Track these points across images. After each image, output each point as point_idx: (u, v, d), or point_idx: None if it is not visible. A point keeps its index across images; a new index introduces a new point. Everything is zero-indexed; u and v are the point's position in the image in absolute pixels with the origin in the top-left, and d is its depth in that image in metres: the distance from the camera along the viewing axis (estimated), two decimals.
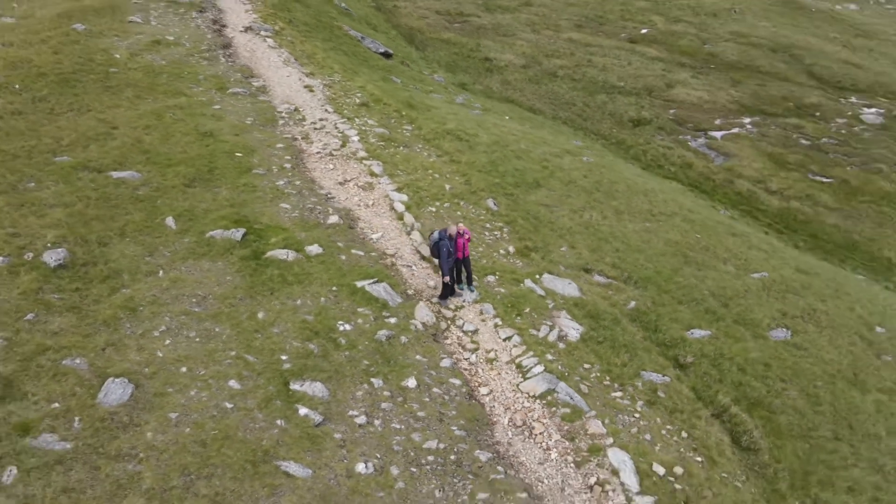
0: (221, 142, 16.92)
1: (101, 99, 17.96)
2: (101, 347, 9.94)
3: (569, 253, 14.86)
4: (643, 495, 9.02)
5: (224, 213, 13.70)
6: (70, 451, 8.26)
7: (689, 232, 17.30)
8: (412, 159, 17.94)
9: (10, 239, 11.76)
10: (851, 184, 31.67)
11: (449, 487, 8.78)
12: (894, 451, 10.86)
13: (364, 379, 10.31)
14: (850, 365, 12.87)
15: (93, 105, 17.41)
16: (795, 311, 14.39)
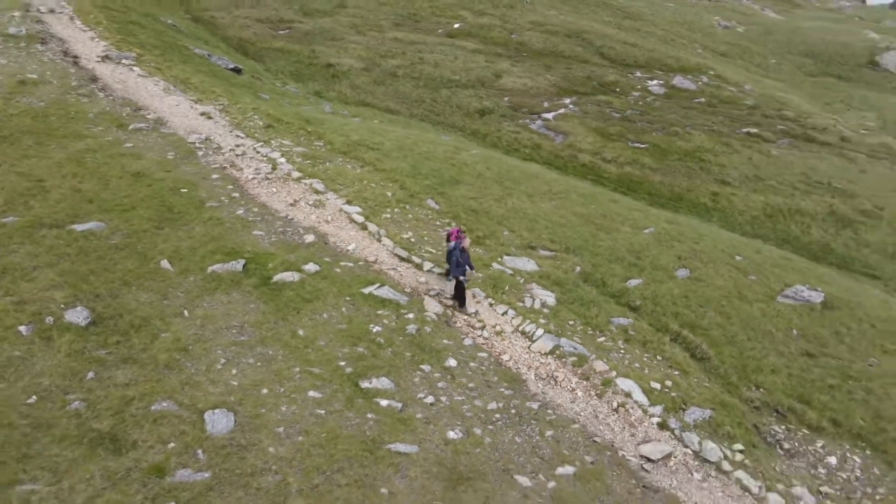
0: (158, 180, 16.96)
1: (3, 151, 16.92)
2: (179, 387, 10.55)
3: (511, 236, 17.46)
4: (654, 405, 11.92)
5: (210, 247, 14.25)
6: (212, 478, 9.09)
7: (587, 204, 20.79)
8: (343, 173, 19.30)
9: (19, 307, 11.52)
10: (661, 147, 38.09)
11: (522, 433, 10.94)
12: (785, 340, 14.97)
13: (415, 367, 12.01)
14: (734, 286, 17.02)
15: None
16: (684, 254, 18.39)
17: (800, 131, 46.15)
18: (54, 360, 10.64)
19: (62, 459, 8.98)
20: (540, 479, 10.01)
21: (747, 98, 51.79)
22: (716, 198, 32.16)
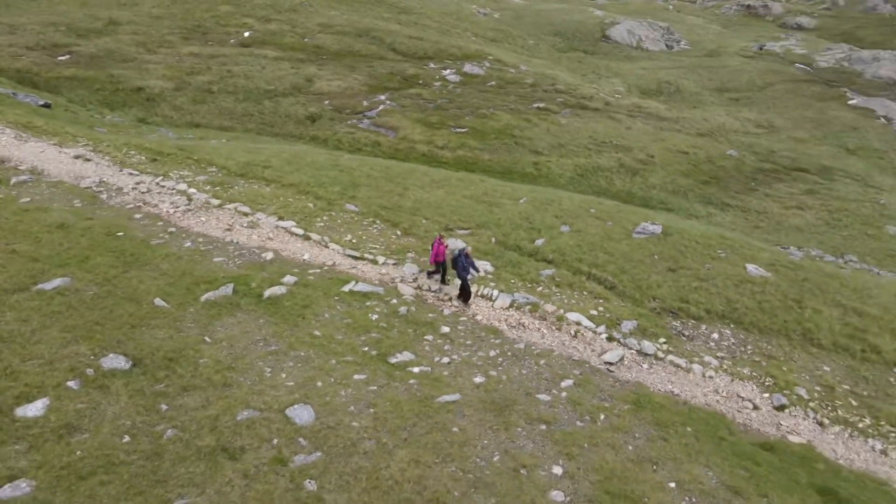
0: (87, 229, 16.83)
1: None
2: (249, 397, 11.85)
3: (429, 223, 20.18)
4: (598, 326, 15.71)
5: (188, 280, 15.04)
6: (324, 456, 10.84)
7: (467, 187, 24.15)
8: (257, 193, 20.41)
9: (51, 367, 11.75)
10: (478, 129, 42.92)
11: (524, 367, 14.00)
12: (652, 263, 19.79)
13: (420, 338, 14.41)
14: (603, 232, 21.63)
15: None
16: (558, 213, 22.64)
17: (574, 101, 54.28)
18: (121, 403, 11.29)
19: (194, 474, 10.11)
20: (553, 393, 13.19)
21: (527, 77, 59.17)
22: (537, 166, 37.66)
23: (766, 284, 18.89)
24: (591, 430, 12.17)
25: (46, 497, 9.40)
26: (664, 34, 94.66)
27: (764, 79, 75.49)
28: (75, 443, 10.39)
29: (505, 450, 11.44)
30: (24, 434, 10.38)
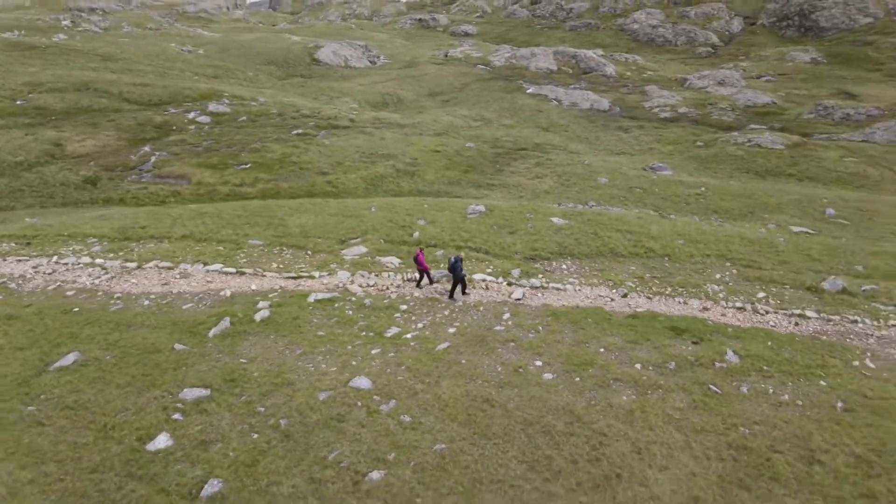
0: (38, 312, 17.20)
1: None
2: (315, 385, 15.00)
3: (324, 240, 23.73)
4: (497, 278, 21.48)
5: (182, 326, 16.92)
6: (398, 401, 14.73)
7: (322, 209, 27.80)
8: (162, 249, 21.82)
9: (142, 411, 13.48)
10: (259, 162, 45.40)
11: (472, 315, 19.08)
12: (499, 232, 26.14)
13: (392, 316, 18.55)
14: (449, 219, 27.36)
15: None
16: (408, 213, 27.78)
17: (325, 123, 59.17)
18: (228, 416, 13.64)
19: (328, 436, 13.31)
20: (503, 323, 18.58)
21: (270, 108, 62.22)
22: (332, 184, 42.00)
23: (571, 228, 26.68)
24: (540, 337, 17.89)
25: (234, 491, 11.93)
26: (365, 52, 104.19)
27: (460, 80, 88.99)
28: (219, 450, 12.78)
29: (501, 362, 16.55)
30: (170, 459, 12.46)
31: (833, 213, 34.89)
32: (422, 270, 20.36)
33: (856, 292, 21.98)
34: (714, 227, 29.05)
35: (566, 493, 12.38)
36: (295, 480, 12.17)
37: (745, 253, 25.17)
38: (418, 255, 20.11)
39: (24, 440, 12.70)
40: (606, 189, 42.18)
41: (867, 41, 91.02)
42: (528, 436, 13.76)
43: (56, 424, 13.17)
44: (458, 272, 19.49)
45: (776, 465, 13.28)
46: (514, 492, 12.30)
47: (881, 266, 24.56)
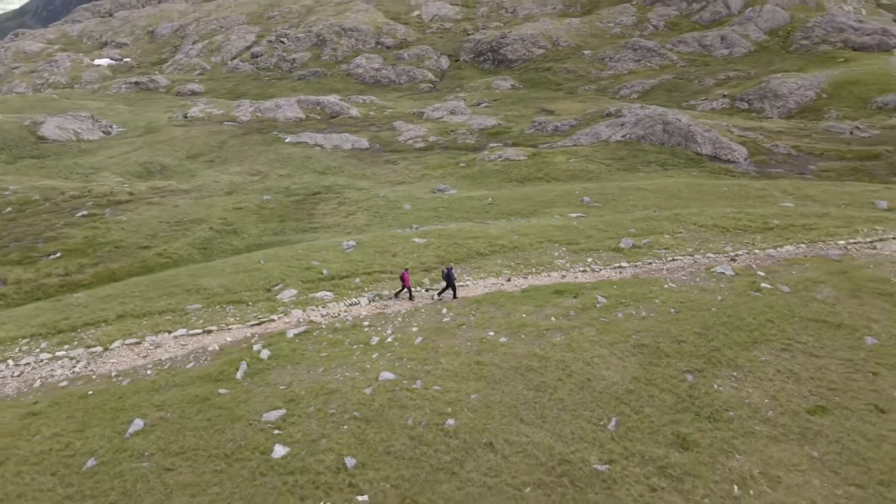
0: (53, 403, 17.98)
1: None
2: (365, 385, 18.93)
3: (256, 291, 26.37)
4: (423, 290, 26.81)
5: (205, 380, 19.24)
6: (422, 383, 19.48)
7: (240, 268, 29.76)
8: (113, 331, 22.77)
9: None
10: (67, 249, 43.20)
11: (436, 317, 24.21)
12: (389, 258, 31.03)
13: (365, 332, 22.82)
14: (338, 257, 31.47)
15: None
16: (298, 259, 31.18)
17: (105, 202, 56.86)
18: (315, 421, 16.99)
19: (397, 417, 17.59)
20: (453, 315, 24.09)
21: (31, 194, 57.44)
22: (162, 255, 42.29)
23: (433, 244, 32.98)
24: (479, 317, 23.76)
25: (366, 459, 15.80)
26: (94, 122, 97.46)
27: (214, 139, 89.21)
28: (327, 442, 16.34)
29: (467, 339, 22.10)
30: (298, 457, 15.81)
31: (589, 200, 46.61)
32: (405, 286, 24.91)
33: (641, 246, 31.99)
34: (528, 223, 37.81)
35: (566, 396, 18.58)
36: (401, 441, 16.42)
37: (561, 235, 34.06)
38: (404, 274, 24.66)
39: (168, 481, 14.80)
40: (416, 213, 49.24)
41: (546, 68, 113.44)
42: (521, 374, 19.68)
43: (183, 467, 15.37)
44: (452, 281, 24.65)
45: (662, 349, 21.13)
46: (538, 406, 18.13)
47: (644, 227, 35.35)
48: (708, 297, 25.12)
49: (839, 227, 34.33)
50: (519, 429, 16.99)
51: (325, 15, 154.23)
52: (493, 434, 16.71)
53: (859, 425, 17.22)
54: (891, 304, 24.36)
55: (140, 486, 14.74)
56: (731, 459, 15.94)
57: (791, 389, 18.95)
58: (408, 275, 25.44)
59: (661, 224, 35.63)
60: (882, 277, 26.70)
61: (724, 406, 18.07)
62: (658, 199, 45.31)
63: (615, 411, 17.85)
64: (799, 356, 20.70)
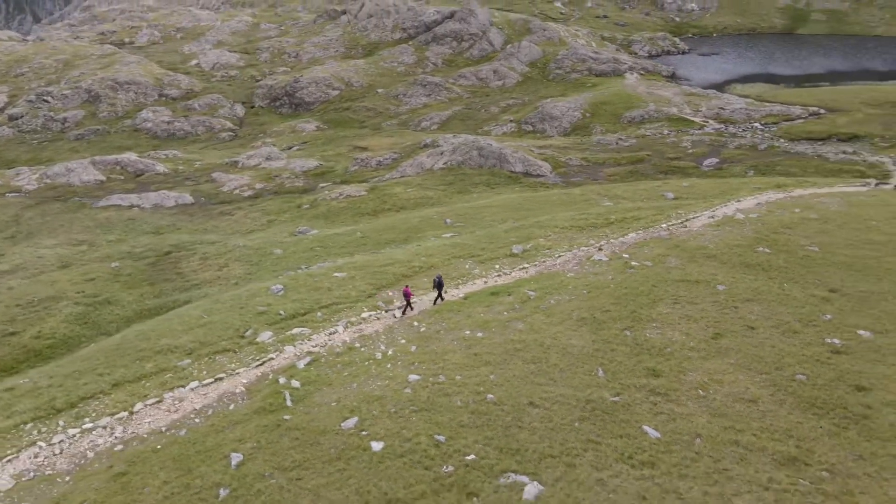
0: (141, 465, 18.88)
1: None
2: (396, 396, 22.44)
3: (231, 340, 27.69)
4: (383, 309, 30.44)
5: (265, 412, 21.28)
6: (443, 378, 23.59)
7: (178, 329, 29.94)
8: (112, 399, 23.19)
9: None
10: None
11: (419, 328, 27.98)
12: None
13: (368, 350, 26.06)
14: (305, 284, 33.35)
15: None
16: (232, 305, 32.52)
17: None
18: (385, 417, 20.24)
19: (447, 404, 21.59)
20: (428, 324, 28.20)
21: None
22: (41, 337, 39.59)
23: (355, 277, 36.47)
24: (449, 324, 28.23)
25: (452, 437, 19.66)
26: None
27: (5, 213, 79.69)
28: (413, 428, 19.85)
29: (454, 339, 26.50)
30: (395, 453, 19.24)
31: (451, 221, 52.95)
32: (408, 301, 28.14)
33: (529, 250, 38.84)
34: (421, 247, 42.80)
35: (558, 362, 24.02)
36: (464, 416, 20.51)
37: (460, 251, 39.67)
38: (406, 290, 27.88)
39: (303, 486, 17.28)
40: (292, 256, 51.35)
41: (345, 107, 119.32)
42: (513, 355, 24.75)
43: (305, 475, 17.86)
44: (442, 287, 28.31)
45: (598, 318, 27.62)
46: (542, 373, 23.30)
47: (519, 235, 42.37)
48: (602, 278, 32.42)
49: (656, 216, 44.63)
50: (543, 389, 22.05)
51: (91, 69, 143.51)
52: (528, 396, 21.57)
53: (744, 339, 25.18)
54: (718, 262, 33.78)
55: (283, 495, 17.04)
56: (687, 376, 22.69)
57: (694, 327, 26.53)
58: (409, 290, 29.33)
59: (531, 231, 43.01)
60: (702, 246, 36.43)
61: (662, 346, 24.96)
62: (508, 213, 53.18)
63: (597, 364, 23.76)
64: (686, 306, 28.57)
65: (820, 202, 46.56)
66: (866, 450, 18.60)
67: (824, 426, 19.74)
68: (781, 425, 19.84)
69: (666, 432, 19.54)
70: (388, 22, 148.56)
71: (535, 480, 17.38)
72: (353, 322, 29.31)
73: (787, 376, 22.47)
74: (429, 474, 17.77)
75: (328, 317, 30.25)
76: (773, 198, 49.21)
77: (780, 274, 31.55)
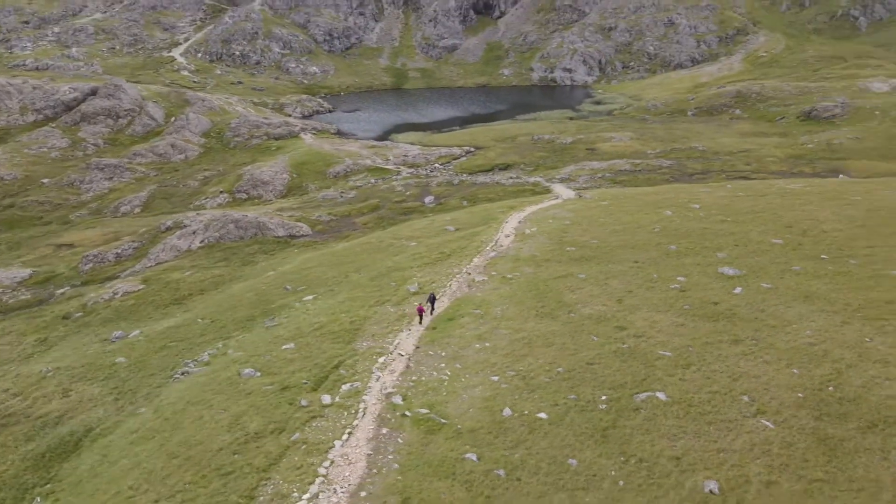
0: None
1: None
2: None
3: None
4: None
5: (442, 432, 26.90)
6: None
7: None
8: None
9: None
10: None
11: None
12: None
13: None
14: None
15: None
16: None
17: None
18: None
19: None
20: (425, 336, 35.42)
21: None
22: None
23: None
24: (479, 318, 36.04)
25: (517, 412, 28.84)
26: None
27: None
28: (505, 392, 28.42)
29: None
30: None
31: (291, 287, 56.88)
32: (421, 315, 34.31)
33: (424, 286, 47.53)
34: (320, 306, 47.30)
35: (534, 317, 34.62)
36: (513, 380, 29.80)
37: (367, 301, 45.98)
38: (419, 307, 34.20)
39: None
40: (156, 356, 48.81)
41: (8, 205, 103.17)
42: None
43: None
44: (434, 301, 35.13)
45: (540, 303, 39.05)
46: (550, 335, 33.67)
47: (399, 277, 50.36)
48: (506, 288, 43.71)
49: (471, 243, 57.55)
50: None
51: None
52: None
53: (628, 294, 39.62)
54: (557, 262, 48.35)
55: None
56: (634, 316, 35.84)
57: (604, 296, 39.99)
58: (422, 307, 36.18)
59: (398, 273, 51.51)
60: (532, 255, 50.71)
61: (602, 312, 37.69)
62: (335, 268, 59.41)
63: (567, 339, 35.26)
64: (577, 288, 41.95)
65: (554, 213, 65.86)
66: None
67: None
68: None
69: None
70: (13, 104, 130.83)
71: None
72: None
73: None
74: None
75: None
76: (521, 216, 66.95)
77: (597, 261, 47.43)
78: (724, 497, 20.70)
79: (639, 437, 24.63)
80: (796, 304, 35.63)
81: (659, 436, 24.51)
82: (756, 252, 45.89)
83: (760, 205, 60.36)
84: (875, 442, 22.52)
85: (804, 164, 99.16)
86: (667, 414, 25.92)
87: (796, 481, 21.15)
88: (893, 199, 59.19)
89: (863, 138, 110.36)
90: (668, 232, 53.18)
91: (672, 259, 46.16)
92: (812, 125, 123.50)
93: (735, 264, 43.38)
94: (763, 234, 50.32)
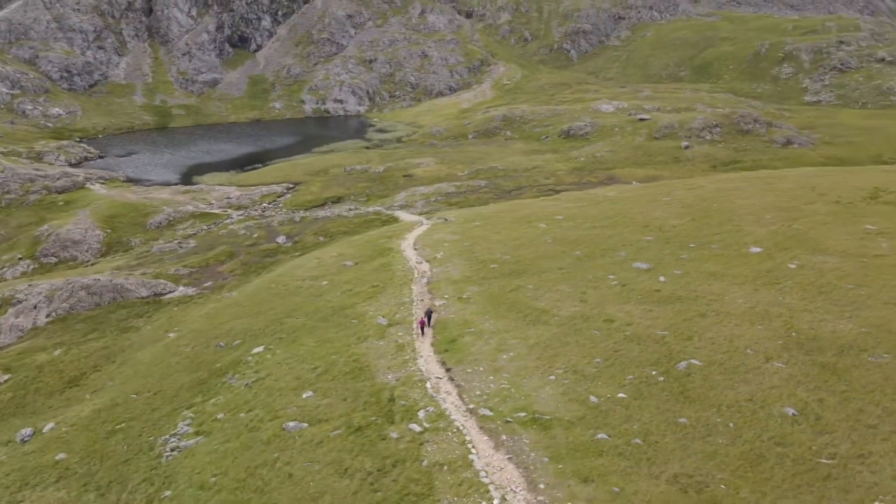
0: None
1: None
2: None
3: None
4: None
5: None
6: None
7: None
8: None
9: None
10: None
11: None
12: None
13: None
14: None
15: None
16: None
17: None
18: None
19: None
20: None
21: None
22: None
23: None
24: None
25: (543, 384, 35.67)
26: None
27: None
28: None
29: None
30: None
31: (233, 342, 54.37)
32: (423, 328, 38.21)
33: (395, 321, 50.30)
34: (284, 356, 47.09)
35: (527, 326, 41.30)
36: (567, 375, 36.52)
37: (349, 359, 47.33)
38: (421, 320, 37.92)
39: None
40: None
41: None
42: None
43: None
44: (431, 316, 39.24)
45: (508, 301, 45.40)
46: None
47: (348, 314, 52.04)
48: (473, 307, 48.90)
49: (391, 275, 60.99)
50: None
51: None
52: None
53: (610, 291, 47.98)
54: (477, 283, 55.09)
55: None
56: (609, 310, 44.06)
57: (566, 290, 47.58)
58: (424, 321, 40.08)
59: (354, 311, 53.11)
60: (463, 277, 56.65)
61: (580, 311, 45.20)
62: (266, 318, 57.94)
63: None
64: (543, 292, 49.04)
65: (441, 237, 72.13)
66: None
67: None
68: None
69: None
70: None
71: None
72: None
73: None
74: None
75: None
76: (408, 244, 71.85)
77: (528, 273, 55.10)
78: (804, 415, 29.38)
79: (712, 392, 32.39)
80: (712, 282, 47.08)
81: (723, 388, 32.56)
82: (644, 249, 57.60)
83: (607, 211, 73.76)
84: (852, 361, 33.37)
85: (586, 174, 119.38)
86: (712, 373, 34.17)
87: (831, 395, 30.79)
88: (689, 199, 76.87)
89: (615, 150, 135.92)
90: (561, 241, 62.94)
91: (587, 262, 55.67)
92: (573, 141, 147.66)
93: (639, 260, 54.28)
94: (633, 233, 62.72)
